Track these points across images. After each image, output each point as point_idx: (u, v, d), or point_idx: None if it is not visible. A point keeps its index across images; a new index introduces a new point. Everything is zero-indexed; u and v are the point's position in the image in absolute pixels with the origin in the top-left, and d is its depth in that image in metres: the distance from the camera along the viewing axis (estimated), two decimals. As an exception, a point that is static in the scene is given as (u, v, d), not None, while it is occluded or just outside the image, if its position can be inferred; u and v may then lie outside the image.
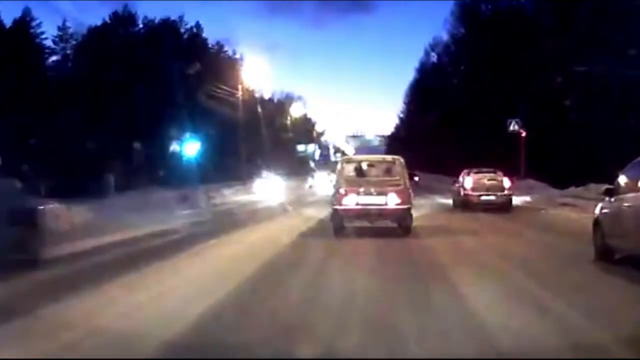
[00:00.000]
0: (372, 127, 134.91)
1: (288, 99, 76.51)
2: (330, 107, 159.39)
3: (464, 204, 20.30)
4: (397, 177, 12.25)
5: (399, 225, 12.21)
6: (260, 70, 50.03)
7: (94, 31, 48.30)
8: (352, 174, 12.34)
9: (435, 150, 49.89)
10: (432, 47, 57.33)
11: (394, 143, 71.11)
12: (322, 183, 32.76)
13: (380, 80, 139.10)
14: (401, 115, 75.03)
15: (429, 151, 52.13)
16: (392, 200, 11.98)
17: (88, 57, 45.23)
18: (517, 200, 22.04)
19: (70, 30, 49.04)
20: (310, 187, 39.97)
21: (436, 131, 49.88)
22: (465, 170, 21.75)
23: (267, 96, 70.45)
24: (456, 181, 22.25)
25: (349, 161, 13.16)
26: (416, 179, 31.52)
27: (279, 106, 73.56)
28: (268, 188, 32.11)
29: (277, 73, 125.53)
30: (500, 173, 21.00)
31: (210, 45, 54.46)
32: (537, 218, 17.58)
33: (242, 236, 13.12)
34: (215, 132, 42.74)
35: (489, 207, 19.55)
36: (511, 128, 32.29)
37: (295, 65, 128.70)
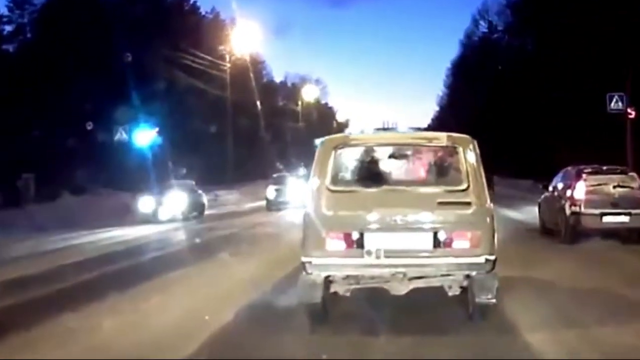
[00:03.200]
0: (406, 117, 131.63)
1: (303, 83, 75.47)
2: (355, 95, 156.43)
3: (573, 230, 14.11)
4: (462, 185, 7.05)
5: (471, 299, 7.20)
6: (257, 38, 47.11)
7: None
8: (354, 177, 7.31)
9: (493, 140, 45.37)
10: (482, 15, 57.86)
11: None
12: None
13: (414, 64, 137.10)
14: (442, 102, 75.67)
15: (484, 143, 48.72)
16: (451, 243, 6.90)
17: (45, 29, 42.39)
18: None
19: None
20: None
21: (493, 116, 48.28)
22: (570, 169, 15.40)
23: (278, 79, 70.26)
24: (548, 186, 16.38)
25: (347, 145, 7.50)
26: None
27: (292, 92, 72.29)
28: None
29: (293, 56, 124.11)
30: (634, 174, 14.47)
31: (202, 13, 52.41)
32: None
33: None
34: (192, 119, 40.09)
35: (616, 234, 13.94)
36: (612, 106, 27.68)
37: (312, 47, 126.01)
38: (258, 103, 47.35)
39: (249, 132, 47.89)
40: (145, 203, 23.45)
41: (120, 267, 12.34)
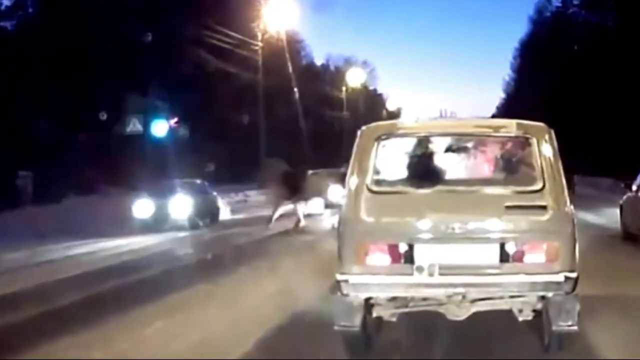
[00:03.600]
0: (466, 106, 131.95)
1: (347, 66, 76.04)
2: (407, 80, 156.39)
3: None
4: (537, 184, 6.80)
5: (546, 326, 6.95)
6: (294, 14, 46.75)
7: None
8: (402, 174, 7.11)
9: (567, 132, 44.84)
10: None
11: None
12: None
13: (476, 45, 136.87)
14: (509, 88, 76.56)
15: (558, 135, 49.19)
16: (522, 257, 6.65)
17: (49, 2, 42.97)
18: None
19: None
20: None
21: (569, 103, 48.45)
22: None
23: (319, 62, 71.23)
24: (631, 186, 16.29)
25: (393, 135, 7.33)
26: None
27: (336, 77, 72.90)
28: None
29: (336, 35, 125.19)
30: None
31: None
32: None
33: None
34: (219, 108, 41.22)
35: None
36: None
37: (359, 25, 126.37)
38: (295, 89, 47.41)
39: (285, 123, 48.18)
40: (142, 208, 23.00)
41: (116, 285, 12.35)
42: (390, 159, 7.10)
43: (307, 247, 16.94)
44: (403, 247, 6.53)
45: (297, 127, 52.02)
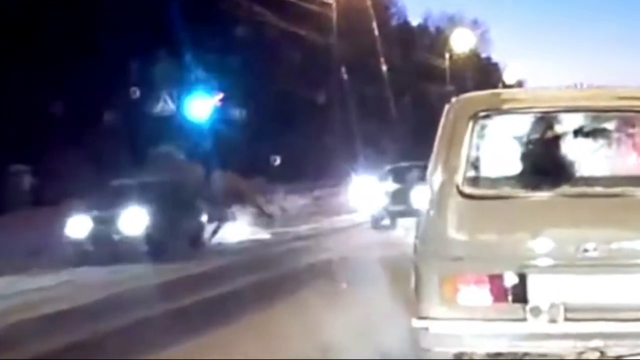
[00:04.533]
0: (605, 79, 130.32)
1: (452, 26, 77.25)
2: (530, 45, 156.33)
3: None
4: None
5: None
6: None
7: None
8: (509, 171, 6.86)
9: None
10: None
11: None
12: None
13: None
14: None
15: None
16: None
17: None
18: None
19: None
20: None
21: None
22: None
23: (415, 22, 71.69)
24: None
25: (496, 111, 7.05)
26: None
27: (437, 40, 73.85)
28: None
29: None
30: None
31: None
32: None
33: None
34: (281, 82, 41.29)
35: None
36: None
37: None
38: (381, 59, 47.53)
39: (368, 101, 48.97)
40: (77, 227, 21.57)
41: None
42: (492, 146, 6.76)
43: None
44: (511, 279, 6.29)
45: (387, 106, 52.93)
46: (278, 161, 35.63)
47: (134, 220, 21.26)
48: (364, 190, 31.77)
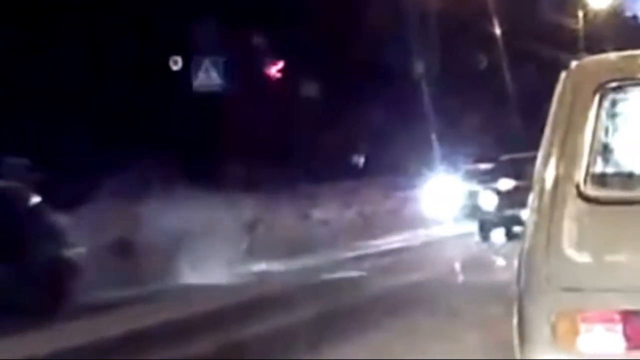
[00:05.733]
0: None
1: None
2: None
3: None
4: None
5: None
6: None
7: None
8: None
9: None
10: None
11: None
12: None
13: None
14: None
15: None
16: None
17: None
18: None
19: None
20: None
21: None
22: None
23: None
24: None
25: (632, 83, 7.14)
26: None
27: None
28: None
29: None
30: None
31: None
32: None
33: None
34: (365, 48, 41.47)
35: None
36: None
37: None
38: (495, 20, 47.63)
39: (474, 74, 47.96)
40: None
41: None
42: (627, 130, 6.35)
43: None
44: None
45: (502, 81, 53.01)
46: (362, 160, 35.33)
47: None
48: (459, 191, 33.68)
